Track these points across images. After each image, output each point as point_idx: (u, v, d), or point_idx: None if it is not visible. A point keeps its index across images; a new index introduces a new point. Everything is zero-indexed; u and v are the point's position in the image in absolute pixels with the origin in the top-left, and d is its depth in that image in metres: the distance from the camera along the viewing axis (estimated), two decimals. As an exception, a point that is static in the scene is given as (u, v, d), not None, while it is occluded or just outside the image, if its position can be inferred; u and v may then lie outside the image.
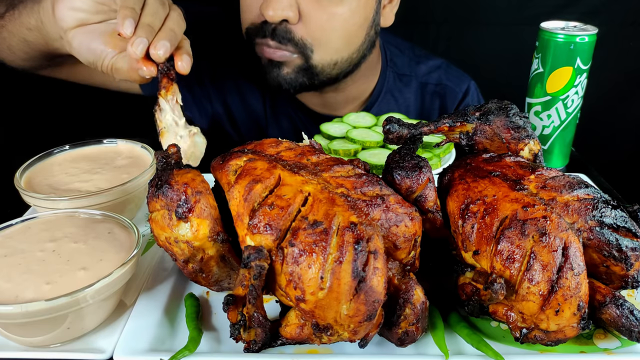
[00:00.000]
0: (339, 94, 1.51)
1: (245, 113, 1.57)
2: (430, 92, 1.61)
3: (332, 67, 1.36)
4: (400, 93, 1.59)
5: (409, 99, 1.60)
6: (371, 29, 1.39)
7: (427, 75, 1.62)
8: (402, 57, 1.63)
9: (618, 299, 0.70)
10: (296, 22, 1.26)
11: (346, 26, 1.30)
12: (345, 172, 0.75)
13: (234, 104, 1.56)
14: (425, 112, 1.61)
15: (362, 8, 1.31)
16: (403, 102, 1.59)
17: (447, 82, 1.61)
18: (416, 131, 0.87)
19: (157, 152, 0.80)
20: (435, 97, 1.61)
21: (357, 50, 1.38)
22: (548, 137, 1.30)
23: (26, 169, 1.02)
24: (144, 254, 0.95)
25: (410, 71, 1.61)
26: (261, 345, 0.72)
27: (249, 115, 1.57)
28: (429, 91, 1.61)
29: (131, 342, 0.73)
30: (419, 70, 1.62)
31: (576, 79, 1.22)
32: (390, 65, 1.60)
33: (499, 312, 0.74)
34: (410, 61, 1.63)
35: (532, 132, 0.86)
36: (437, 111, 1.61)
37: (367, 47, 1.41)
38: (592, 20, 1.27)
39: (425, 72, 1.62)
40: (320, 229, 0.66)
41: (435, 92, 1.61)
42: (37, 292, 0.72)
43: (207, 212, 0.73)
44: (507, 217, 0.72)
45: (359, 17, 1.32)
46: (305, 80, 1.36)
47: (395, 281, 0.71)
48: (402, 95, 1.59)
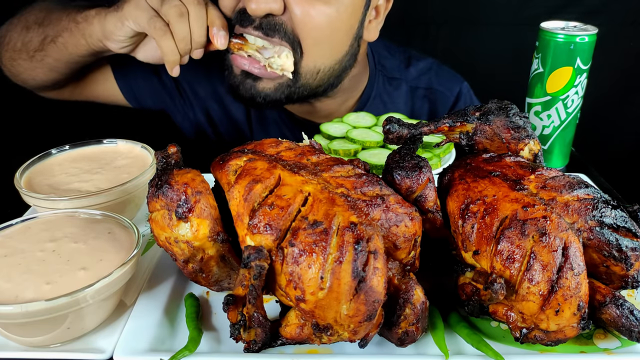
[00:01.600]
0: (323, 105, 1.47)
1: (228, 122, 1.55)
2: (420, 96, 1.58)
3: (315, 76, 1.31)
4: (389, 97, 1.57)
5: (399, 103, 1.57)
6: (355, 40, 1.34)
7: (417, 79, 1.58)
8: (391, 60, 1.59)
9: (618, 299, 0.70)
10: (281, 13, 1.20)
11: (331, 28, 1.25)
12: (345, 172, 0.75)
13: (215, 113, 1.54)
14: (415, 116, 1.57)
15: (349, 14, 1.27)
16: (392, 107, 1.56)
17: (438, 87, 1.58)
18: (416, 131, 0.87)
19: (157, 152, 0.80)
20: (425, 101, 1.58)
21: (339, 61, 1.33)
22: (548, 137, 1.30)
23: (26, 169, 1.02)
24: (144, 254, 0.95)
25: (400, 74, 1.58)
26: (261, 345, 0.72)
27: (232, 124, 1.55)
28: (419, 95, 1.58)
29: (131, 342, 0.73)
30: (408, 74, 1.58)
31: (576, 79, 1.22)
32: (380, 68, 1.56)
33: (499, 312, 0.74)
34: (400, 64, 1.60)
35: (532, 132, 0.86)
36: (426, 116, 1.58)
37: (350, 59, 1.37)
38: (592, 20, 1.27)
39: (415, 76, 1.59)
40: (320, 229, 0.66)
41: (425, 97, 1.58)
42: (37, 292, 0.72)
43: (207, 212, 0.73)
44: (507, 217, 0.72)
45: (345, 23, 1.28)
46: (283, 98, 1.31)
47: (395, 281, 0.71)
48: (392, 99, 1.57)
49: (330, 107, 1.50)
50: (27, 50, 1.32)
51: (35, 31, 1.31)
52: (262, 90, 1.30)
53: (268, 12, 1.19)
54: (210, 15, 1.14)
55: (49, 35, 1.28)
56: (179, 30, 1.10)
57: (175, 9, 1.09)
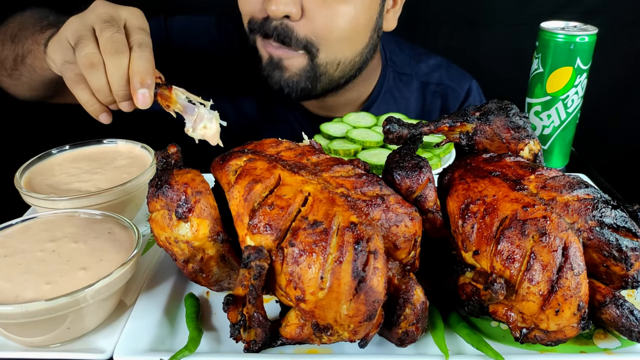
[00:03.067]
0: (340, 97, 1.49)
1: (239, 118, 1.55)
2: (431, 91, 1.60)
3: (336, 67, 1.34)
4: (400, 92, 1.58)
5: (409, 99, 1.59)
6: (374, 31, 1.37)
7: (428, 75, 1.60)
8: (401, 55, 1.61)
9: (618, 299, 0.70)
10: (298, 18, 1.24)
11: (351, 25, 1.28)
12: (345, 172, 0.75)
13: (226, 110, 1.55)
14: (426, 112, 1.59)
15: (367, 8, 1.30)
16: (403, 102, 1.58)
17: (449, 82, 1.60)
18: (416, 131, 0.87)
19: (157, 152, 0.80)
20: (436, 97, 1.60)
21: (360, 54, 1.36)
22: (548, 137, 1.30)
23: (26, 169, 1.02)
24: (144, 254, 0.95)
25: (410, 70, 1.60)
26: (261, 345, 0.72)
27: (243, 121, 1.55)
28: (430, 91, 1.60)
29: (131, 342, 0.73)
30: (419, 69, 1.60)
31: (576, 79, 1.22)
32: (390, 64, 1.58)
33: (499, 312, 0.74)
34: (410, 59, 1.61)
35: (532, 132, 0.86)
36: (438, 111, 1.60)
37: (370, 50, 1.40)
38: (592, 20, 1.27)
39: (426, 72, 1.60)
40: (320, 229, 0.66)
41: (437, 92, 1.59)
42: (37, 292, 0.72)
43: (207, 212, 0.73)
44: (507, 217, 0.72)
45: (364, 17, 1.31)
46: (308, 84, 1.34)
47: (395, 281, 0.71)
48: (402, 94, 1.58)
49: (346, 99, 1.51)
50: (5, 67, 1.25)
51: (8, 48, 1.23)
52: (288, 78, 1.32)
53: (287, 14, 1.22)
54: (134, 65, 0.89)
55: (19, 54, 1.19)
56: (92, 81, 0.90)
57: (85, 59, 0.89)
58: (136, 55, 0.89)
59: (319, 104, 1.52)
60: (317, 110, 1.55)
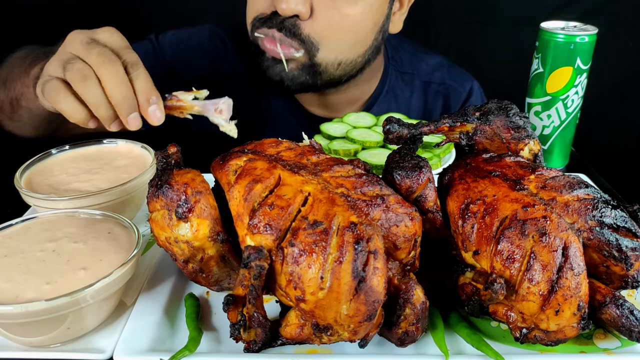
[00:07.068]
0: (342, 95, 1.49)
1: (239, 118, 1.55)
2: (433, 91, 1.59)
3: (336, 67, 1.34)
4: (401, 91, 1.58)
5: (411, 98, 1.58)
6: (379, 34, 1.37)
7: (430, 74, 1.60)
8: (403, 53, 1.61)
9: (618, 299, 0.70)
10: (307, 18, 1.24)
11: (356, 29, 1.29)
12: (345, 172, 0.75)
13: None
14: (427, 112, 1.59)
15: (374, 12, 1.30)
16: (404, 101, 1.57)
17: (451, 82, 1.59)
18: (416, 131, 0.87)
19: (157, 152, 0.80)
20: (438, 96, 1.60)
21: (362, 55, 1.36)
22: (548, 137, 1.30)
23: (26, 169, 1.02)
24: (144, 254, 0.95)
25: (412, 69, 1.60)
26: (261, 345, 0.72)
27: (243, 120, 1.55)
28: (432, 90, 1.59)
29: (131, 342, 0.73)
30: (420, 69, 1.60)
31: (576, 79, 1.22)
32: (392, 63, 1.58)
33: (499, 312, 0.74)
34: (412, 57, 1.61)
35: (532, 132, 0.86)
36: (439, 111, 1.59)
37: (373, 52, 1.40)
38: (592, 20, 1.27)
39: (428, 71, 1.60)
40: (320, 229, 0.66)
41: (439, 92, 1.59)
42: (37, 292, 0.72)
43: (207, 212, 0.73)
44: (507, 217, 0.72)
45: (370, 20, 1.31)
46: (308, 79, 1.34)
47: (395, 281, 0.71)
48: (404, 93, 1.58)
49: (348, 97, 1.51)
50: (4, 112, 1.23)
51: (3, 93, 1.21)
52: (289, 72, 1.32)
53: (295, 13, 1.23)
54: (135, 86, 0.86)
55: (13, 98, 1.16)
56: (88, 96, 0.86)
57: (77, 73, 0.85)
58: (133, 75, 0.86)
59: (320, 102, 1.52)
60: (317, 110, 1.55)
